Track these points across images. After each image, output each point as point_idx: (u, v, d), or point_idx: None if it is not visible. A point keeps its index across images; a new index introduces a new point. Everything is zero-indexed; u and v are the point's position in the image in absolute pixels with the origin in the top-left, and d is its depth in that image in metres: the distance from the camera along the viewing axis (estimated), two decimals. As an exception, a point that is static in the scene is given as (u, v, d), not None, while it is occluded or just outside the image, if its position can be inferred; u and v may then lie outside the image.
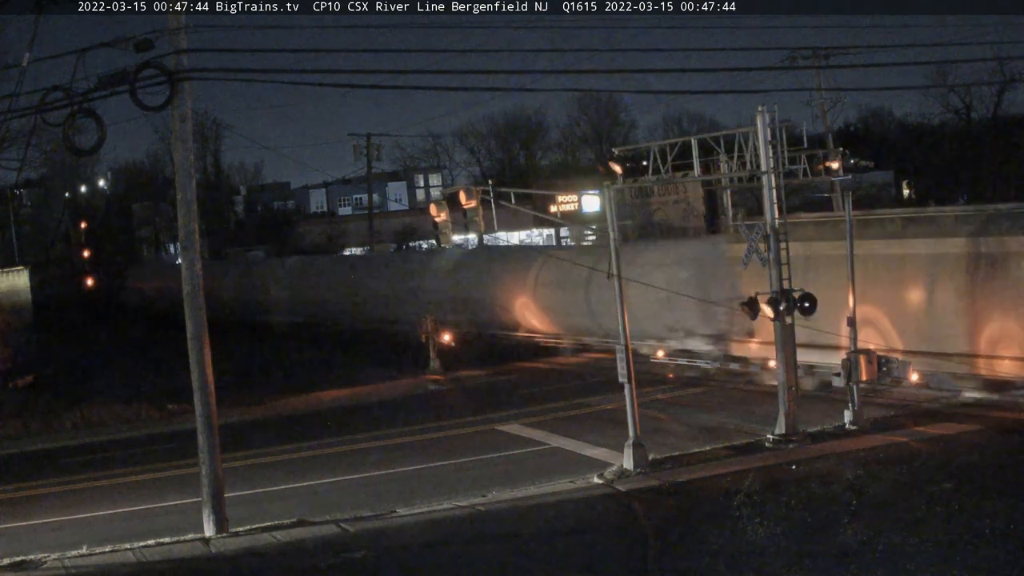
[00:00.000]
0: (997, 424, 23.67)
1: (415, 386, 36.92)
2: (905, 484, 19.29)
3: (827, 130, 52.14)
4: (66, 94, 18.09)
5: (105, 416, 33.78)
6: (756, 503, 18.60)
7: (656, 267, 32.14)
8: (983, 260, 25.51)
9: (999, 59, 58.08)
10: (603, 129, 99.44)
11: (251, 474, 24.28)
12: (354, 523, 19.31)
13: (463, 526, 18.97)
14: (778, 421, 23.40)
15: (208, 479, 19.24)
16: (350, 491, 22.57)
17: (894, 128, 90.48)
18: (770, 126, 24.55)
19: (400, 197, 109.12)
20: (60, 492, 24.54)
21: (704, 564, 15.85)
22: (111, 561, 18.05)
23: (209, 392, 19.36)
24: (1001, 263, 25.20)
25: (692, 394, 30.87)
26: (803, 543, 16.37)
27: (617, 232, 22.75)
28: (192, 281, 19.34)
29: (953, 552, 15.38)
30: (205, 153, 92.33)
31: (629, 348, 22.23)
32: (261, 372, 41.11)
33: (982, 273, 25.48)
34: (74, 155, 35.97)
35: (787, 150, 25.77)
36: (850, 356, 24.22)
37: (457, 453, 25.27)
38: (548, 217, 62.41)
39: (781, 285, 23.48)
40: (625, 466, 21.77)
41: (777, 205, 23.93)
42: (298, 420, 32.17)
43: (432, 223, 42.53)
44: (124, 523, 20.87)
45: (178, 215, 19.59)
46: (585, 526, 18.66)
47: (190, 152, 19.49)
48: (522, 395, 33.08)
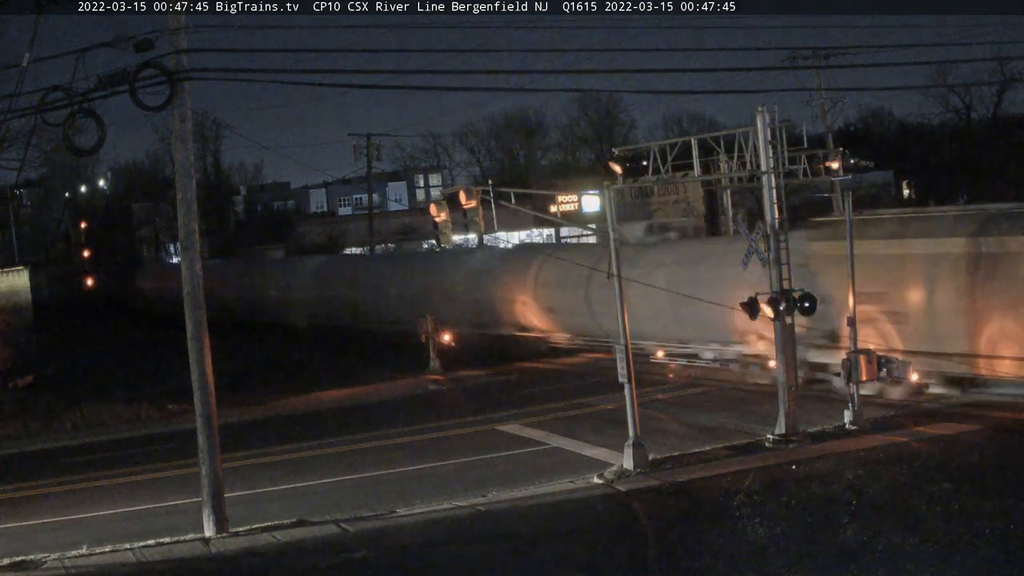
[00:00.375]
0: (997, 424, 23.67)
1: (415, 386, 36.93)
2: (905, 484, 19.28)
3: (827, 130, 52.18)
4: (66, 94, 18.09)
5: (105, 416, 33.78)
6: (756, 503, 18.61)
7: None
8: (983, 260, 25.49)
9: (999, 59, 58.13)
10: (603, 129, 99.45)
11: (251, 474, 24.29)
12: (354, 523, 19.31)
13: (463, 526, 18.97)
14: (778, 421, 23.41)
15: (208, 479, 19.24)
16: (350, 491, 22.57)
17: (894, 128, 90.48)
18: (770, 126, 24.55)
19: (400, 197, 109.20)
20: (60, 492, 24.54)
21: (704, 564, 15.86)
22: (111, 561, 18.05)
23: (209, 392, 19.36)
24: (1002, 263, 25.19)
25: (692, 394, 30.87)
26: (803, 543, 16.37)
27: (616, 232, 22.74)
28: (192, 281, 19.34)
29: (953, 552, 15.38)
30: (205, 153, 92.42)
31: (629, 348, 22.23)
32: (261, 372, 41.11)
33: (982, 273, 25.47)
34: (74, 155, 36.01)
35: (787, 150, 25.78)
36: (850, 356, 24.23)
37: (457, 453, 25.27)
38: (548, 217, 62.38)
39: (781, 285, 23.49)
40: (625, 466, 21.77)
41: (777, 205, 23.94)
42: (298, 420, 32.18)
43: (432, 223, 42.47)
44: (124, 523, 20.87)
45: (178, 215, 19.59)
46: (585, 526, 18.65)
47: (190, 152, 19.49)
48: (522, 395, 33.08)
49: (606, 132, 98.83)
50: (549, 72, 70.04)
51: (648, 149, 36.55)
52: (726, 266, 28.48)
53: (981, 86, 70.91)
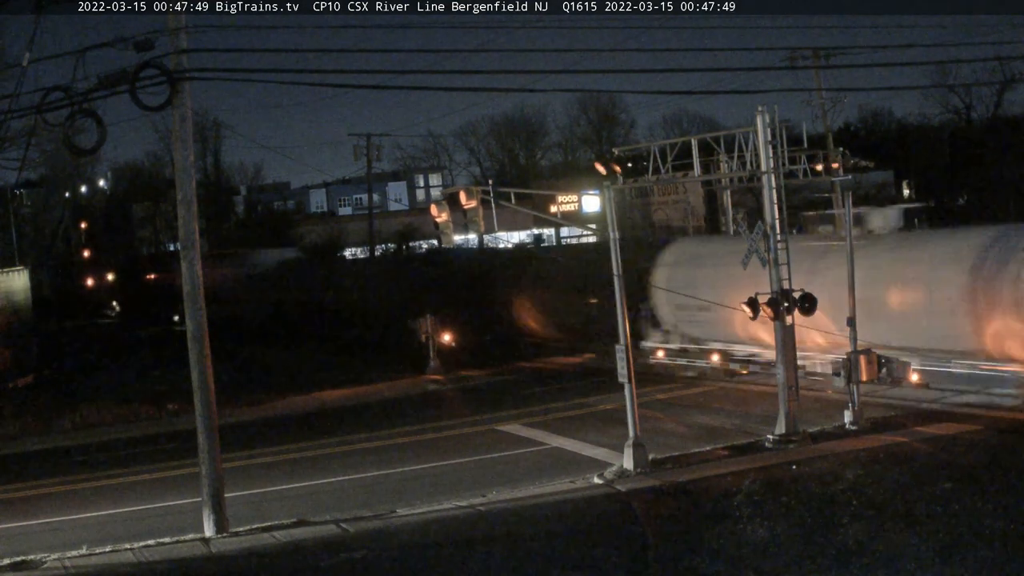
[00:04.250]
0: (997, 424, 23.66)
1: (415, 386, 36.94)
2: (905, 484, 19.28)
3: (827, 130, 52.13)
4: (66, 94, 18.08)
5: (105, 416, 33.81)
6: (756, 503, 18.60)
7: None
8: None
9: (999, 59, 58.12)
10: (603, 129, 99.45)
11: (251, 474, 24.29)
12: (354, 523, 19.31)
13: (463, 526, 18.96)
14: (778, 421, 23.39)
15: (208, 479, 19.24)
16: (350, 491, 22.57)
17: (894, 128, 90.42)
18: (770, 126, 24.54)
19: (400, 197, 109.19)
20: (60, 492, 24.54)
21: (704, 564, 15.86)
22: (111, 561, 18.05)
23: (209, 392, 19.36)
24: None
25: (692, 394, 30.86)
26: (803, 543, 16.36)
27: (616, 232, 22.72)
28: (192, 281, 19.34)
29: (953, 552, 15.38)
30: (205, 153, 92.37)
31: (629, 348, 22.22)
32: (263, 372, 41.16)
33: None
34: (74, 155, 35.99)
35: (787, 150, 25.73)
36: (850, 356, 24.23)
37: (457, 453, 25.27)
38: (548, 217, 62.45)
39: (781, 285, 23.48)
40: (625, 466, 21.76)
41: (777, 205, 23.93)
42: (298, 420, 32.19)
43: (432, 223, 42.51)
44: (124, 523, 20.86)
45: (178, 215, 19.59)
46: (585, 526, 18.64)
47: (190, 152, 19.48)
48: (522, 395, 33.09)
49: (606, 132, 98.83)
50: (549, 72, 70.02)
51: (648, 149, 36.49)
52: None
53: (981, 86, 70.96)
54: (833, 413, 24.89)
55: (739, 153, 32.01)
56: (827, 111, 51.05)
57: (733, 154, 32.46)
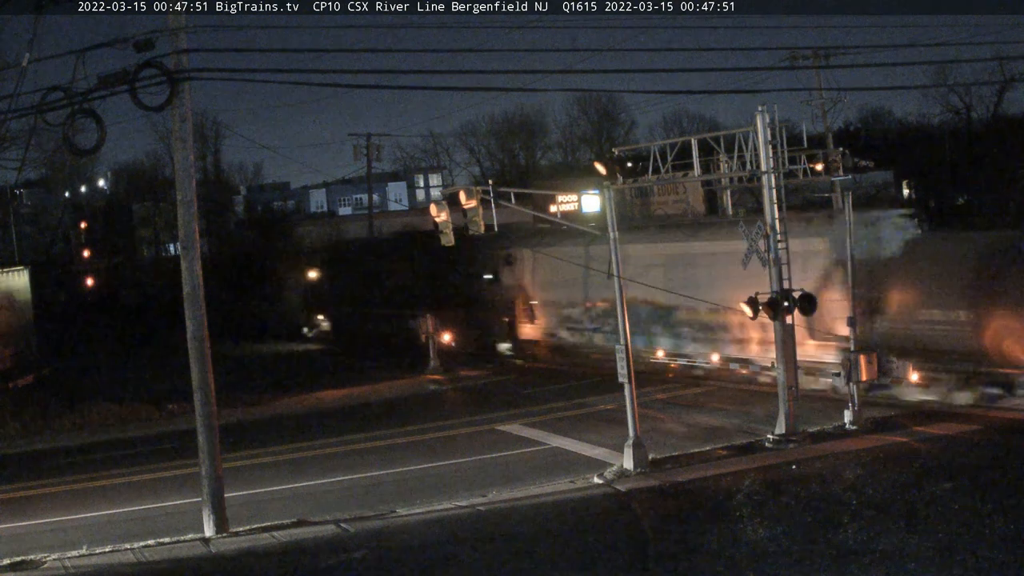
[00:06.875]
0: (997, 424, 23.67)
1: (415, 386, 36.94)
2: (905, 484, 19.29)
3: (827, 130, 52.10)
4: (66, 94, 18.07)
5: (105, 416, 33.79)
6: (756, 503, 18.61)
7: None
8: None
9: (999, 59, 58.10)
10: (603, 129, 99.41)
11: (251, 474, 24.28)
12: (354, 523, 19.32)
13: (463, 526, 18.96)
14: (778, 421, 23.41)
15: (208, 479, 19.24)
16: (350, 491, 22.57)
17: (894, 128, 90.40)
18: (770, 126, 24.55)
19: (400, 197, 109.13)
20: (60, 492, 24.53)
21: (704, 564, 15.85)
22: (111, 561, 18.05)
23: (209, 392, 19.36)
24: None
25: (692, 394, 30.87)
26: (803, 543, 16.36)
27: (616, 232, 22.72)
28: (192, 281, 19.34)
29: (953, 552, 15.38)
30: (205, 153, 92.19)
31: (629, 348, 22.22)
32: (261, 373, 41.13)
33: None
34: (74, 155, 35.98)
35: (787, 150, 25.73)
36: (850, 356, 24.23)
37: (457, 453, 25.27)
38: (548, 217, 62.26)
39: (781, 285, 23.48)
40: (625, 466, 21.77)
41: (777, 205, 23.93)
42: (298, 420, 32.18)
43: (432, 223, 42.44)
44: (124, 523, 20.86)
45: (178, 215, 19.59)
46: (585, 526, 18.64)
47: (190, 152, 19.49)
48: (522, 395, 33.09)
49: (606, 132, 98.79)
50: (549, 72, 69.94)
51: (648, 149, 36.46)
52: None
53: (981, 86, 70.91)
54: (833, 413, 24.90)
55: (739, 153, 31.93)
56: (827, 111, 51.05)
57: (733, 154, 32.40)
